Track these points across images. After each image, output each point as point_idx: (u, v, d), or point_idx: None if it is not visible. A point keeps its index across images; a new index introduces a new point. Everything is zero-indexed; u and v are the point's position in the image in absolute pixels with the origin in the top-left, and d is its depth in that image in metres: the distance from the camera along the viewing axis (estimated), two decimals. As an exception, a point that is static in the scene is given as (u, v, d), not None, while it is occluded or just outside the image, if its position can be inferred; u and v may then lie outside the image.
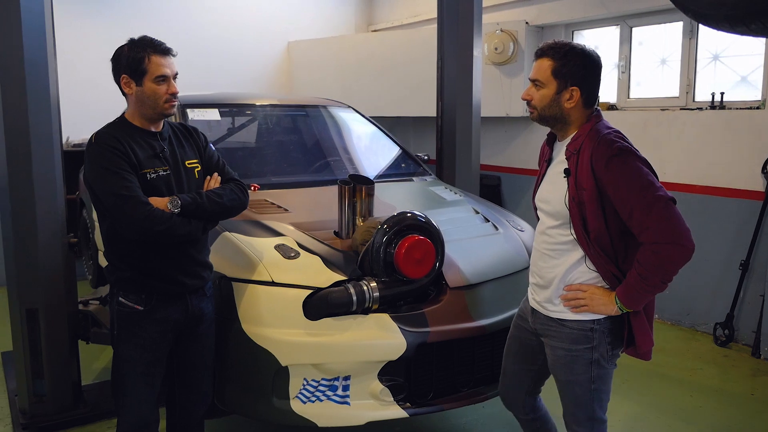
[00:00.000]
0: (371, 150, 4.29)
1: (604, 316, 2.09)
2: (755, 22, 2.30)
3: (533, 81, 2.12)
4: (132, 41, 2.27)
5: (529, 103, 2.14)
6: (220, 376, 2.63)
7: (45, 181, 3.21)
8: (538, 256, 2.23)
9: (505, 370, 2.46)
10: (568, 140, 2.13)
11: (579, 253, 2.10)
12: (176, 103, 2.30)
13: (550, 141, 2.25)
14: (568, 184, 2.07)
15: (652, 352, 2.15)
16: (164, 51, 2.26)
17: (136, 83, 2.23)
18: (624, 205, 1.96)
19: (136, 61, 2.21)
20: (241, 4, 7.13)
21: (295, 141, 4.07)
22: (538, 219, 2.29)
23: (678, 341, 4.72)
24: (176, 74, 2.29)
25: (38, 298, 3.27)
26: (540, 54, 2.11)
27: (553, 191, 2.14)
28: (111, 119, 2.35)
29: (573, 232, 2.08)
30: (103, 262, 4.75)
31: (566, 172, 2.09)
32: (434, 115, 4.76)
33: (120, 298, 2.28)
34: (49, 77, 3.19)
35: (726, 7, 2.35)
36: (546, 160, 2.25)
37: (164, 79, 2.24)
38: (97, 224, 4.62)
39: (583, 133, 2.08)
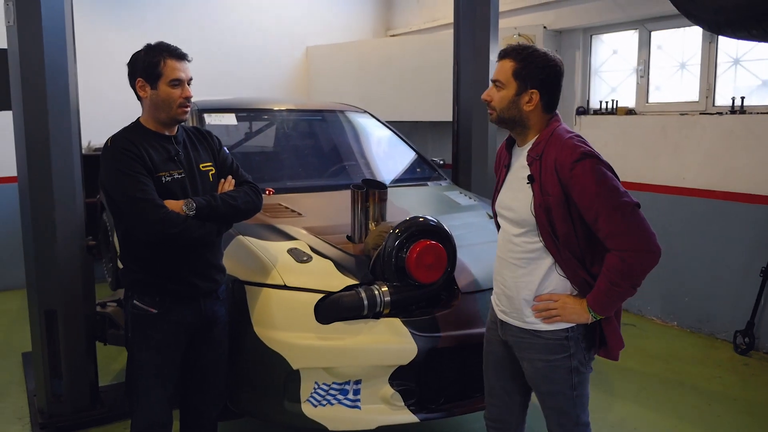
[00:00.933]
0: (387, 155, 4.30)
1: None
2: (756, 27, 2.28)
3: (494, 81, 2.11)
4: (148, 46, 2.30)
5: (489, 104, 2.12)
6: (233, 379, 2.65)
7: (64, 185, 3.26)
8: (504, 266, 2.19)
9: (491, 390, 2.36)
10: (528, 145, 2.11)
11: (548, 260, 2.07)
12: (189, 107, 2.32)
13: (509, 146, 2.22)
14: (533, 190, 2.05)
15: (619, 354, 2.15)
16: (179, 55, 2.29)
17: (151, 86, 2.26)
18: (589, 211, 1.95)
19: (151, 64, 2.24)
20: (261, 10, 7.18)
21: (311, 146, 4.10)
22: (499, 227, 2.26)
23: (696, 349, 4.66)
24: (191, 79, 2.32)
25: (56, 300, 3.32)
26: (502, 55, 2.10)
27: (517, 198, 2.11)
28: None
29: (541, 238, 2.05)
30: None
31: (530, 178, 2.06)
32: (451, 120, 4.76)
33: (134, 301, 2.31)
34: (69, 82, 3.24)
35: (727, 13, 2.33)
36: (505, 165, 2.22)
37: (178, 82, 2.27)
38: (116, 227, 4.73)
39: (544, 138, 2.06)
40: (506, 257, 2.18)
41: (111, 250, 5.21)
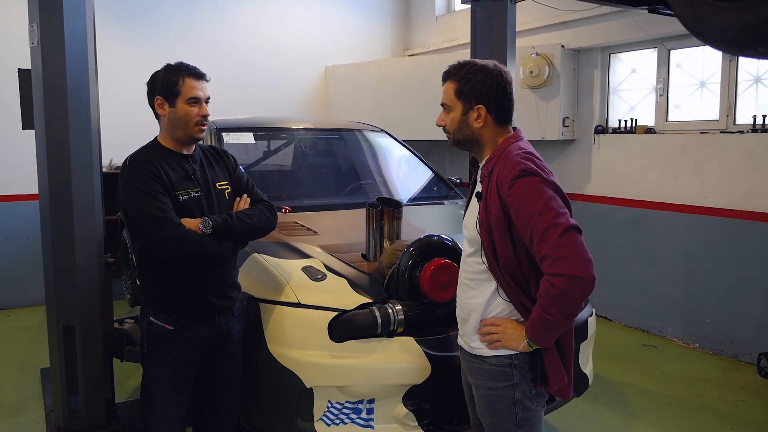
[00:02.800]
0: (403, 173, 4.31)
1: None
2: (763, 45, 2.26)
3: (442, 105, 2.08)
4: (168, 66, 2.36)
5: (444, 128, 2.08)
6: (247, 396, 2.65)
7: (84, 202, 3.30)
8: (460, 287, 2.13)
9: (473, 422, 2.26)
10: (484, 162, 2.04)
11: (493, 283, 1.98)
12: (206, 126, 2.36)
13: (474, 164, 2.15)
14: (479, 208, 1.98)
15: (571, 391, 2.00)
16: (198, 75, 2.34)
17: (170, 104, 2.30)
18: (524, 231, 1.85)
19: (170, 83, 2.29)
20: (280, 30, 7.28)
21: (328, 164, 4.12)
22: None
23: (719, 371, 4.56)
24: (208, 98, 2.36)
25: (75, 316, 3.34)
26: (444, 77, 2.07)
27: (470, 216, 2.04)
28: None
29: (484, 259, 1.97)
30: (141, 281, 4.88)
31: (478, 195, 2.00)
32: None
33: (151, 318, 2.33)
34: (90, 102, 3.30)
35: (733, 31, 2.31)
36: (472, 182, 2.17)
37: (196, 101, 2.31)
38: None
39: (496, 154, 1.99)
40: (462, 278, 2.12)
41: (131, 267, 5.25)
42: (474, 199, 2.06)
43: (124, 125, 5.97)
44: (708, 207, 4.87)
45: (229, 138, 3.82)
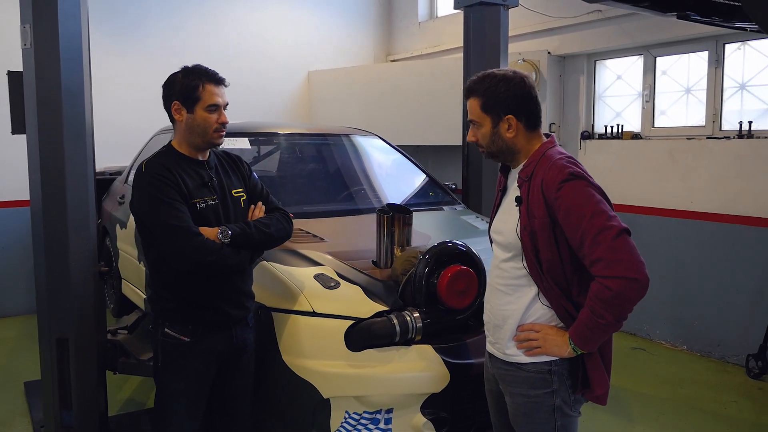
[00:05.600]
0: (400, 178, 4.28)
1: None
2: None
3: (471, 122, 2.05)
4: (186, 69, 2.28)
5: (477, 143, 2.06)
6: (261, 409, 2.58)
7: (78, 209, 3.19)
8: (492, 293, 2.09)
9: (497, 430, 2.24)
10: (520, 167, 2.03)
11: (534, 288, 1.96)
12: (224, 132, 2.29)
13: (504, 170, 2.14)
14: (519, 212, 1.96)
15: (607, 397, 1.97)
16: (218, 80, 2.27)
17: (188, 110, 2.23)
18: (574, 234, 1.84)
19: (190, 88, 2.21)
20: (263, 35, 7.20)
21: (326, 170, 4.07)
22: None
23: (709, 373, 4.63)
24: (227, 104, 2.30)
25: (69, 328, 3.23)
26: (466, 94, 2.04)
27: (506, 221, 2.02)
28: (136, 149, 2.34)
29: (525, 264, 1.95)
30: (126, 290, 4.74)
31: (518, 200, 1.97)
32: (455, 144, 4.75)
33: (165, 329, 2.25)
34: (85, 106, 3.20)
35: None
36: (500, 189, 2.15)
37: (216, 108, 2.24)
38: (122, 253, 4.65)
39: (535, 159, 1.97)
40: (494, 284, 2.08)
41: (114, 276, 5.11)
42: (508, 204, 2.04)
43: (106, 131, 5.84)
44: (695, 211, 4.95)
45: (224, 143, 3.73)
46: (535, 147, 2.01)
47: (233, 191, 2.35)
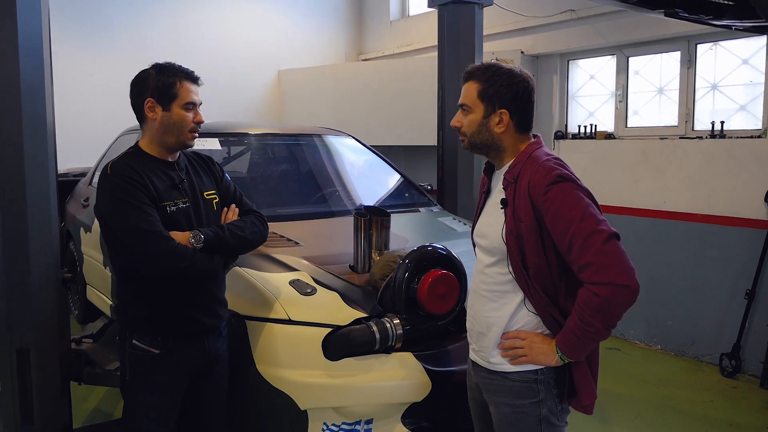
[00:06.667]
0: (375, 179, 4.19)
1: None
2: None
3: (460, 106, 1.96)
4: (159, 66, 2.17)
5: (459, 130, 1.97)
6: (235, 421, 2.48)
7: (40, 212, 3.03)
8: (476, 299, 2.01)
9: None
10: (505, 168, 1.95)
11: (519, 294, 1.89)
12: (198, 132, 2.19)
13: (488, 170, 2.05)
14: (505, 215, 1.88)
15: (594, 407, 1.93)
16: (194, 79, 2.20)
17: (163, 108, 2.12)
18: (562, 239, 1.77)
19: (166, 85, 2.11)
20: (232, 33, 7.07)
21: (300, 171, 3.96)
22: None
23: (684, 373, 4.65)
24: (201, 103, 2.20)
25: (30, 337, 3.07)
26: (466, 77, 1.95)
27: (490, 224, 1.94)
28: (102, 149, 2.23)
29: (511, 269, 1.87)
30: (91, 296, 4.57)
31: (503, 202, 1.89)
32: (426, 144, 4.69)
33: (134, 341, 2.13)
34: (46, 104, 3.05)
35: None
36: (484, 191, 2.06)
37: (192, 106, 2.16)
38: (86, 257, 4.47)
39: (521, 160, 1.90)
40: (478, 289, 2.00)
41: (79, 281, 4.93)
42: (492, 207, 1.96)
43: (70, 131, 5.65)
44: (668, 211, 4.97)
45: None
46: (522, 148, 1.94)
47: (205, 193, 2.25)
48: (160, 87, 2.11)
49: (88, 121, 5.88)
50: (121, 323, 2.20)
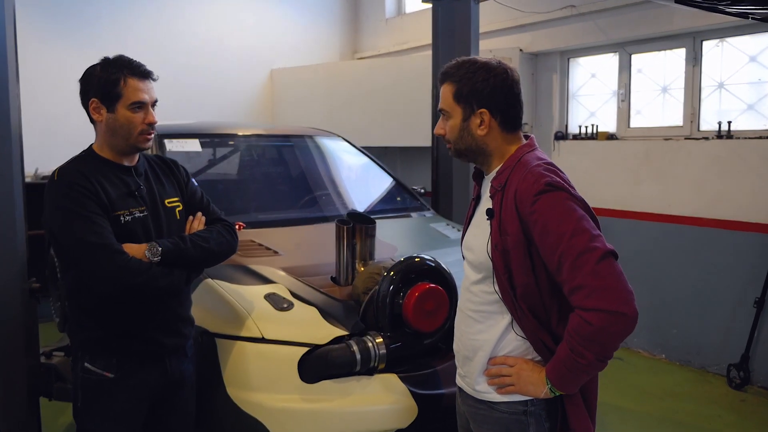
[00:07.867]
0: (365, 183, 4.02)
1: None
2: None
3: (440, 111, 1.77)
4: (106, 60, 1.98)
5: (443, 138, 1.79)
6: (202, 450, 2.29)
7: (4, 218, 2.86)
8: (462, 319, 1.82)
9: None
10: (493, 174, 1.76)
11: (507, 316, 1.70)
12: (153, 135, 1.98)
13: (477, 176, 1.86)
14: (491, 228, 1.69)
15: None
16: (143, 74, 1.96)
17: (108, 109, 1.92)
18: (551, 256, 1.57)
19: (109, 83, 1.91)
20: (224, 31, 6.89)
21: (283, 174, 3.78)
22: None
23: (690, 384, 4.46)
24: (155, 101, 1.99)
25: (-7, 353, 2.89)
26: (441, 79, 1.77)
27: (477, 236, 1.75)
28: (78, 151, 2.04)
29: (497, 288, 1.68)
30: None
31: (489, 213, 1.70)
32: (422, 145, 4.51)
33: (85, 364, 1.94)
34: (11, 103, 2.86)
35: None
36: (474, 198, 1.87)
37: (141, 106, 1.94)
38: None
39: (510, 164, 1.71)
40: (464, 308, 1.81)
41: (60, 287, 4.75)
42: (479, 217, 1.77)
43: (52, 132, 5.48)
44: (673, 215, 4.78)
45: (172, 145, 3.43)
46: (512, 151, 1.74)
47: (166, 201, 2.05)
48: (103, 85, 1.91)
49: (76, 122, 5.70)
50: (72, 344, 2.02)
